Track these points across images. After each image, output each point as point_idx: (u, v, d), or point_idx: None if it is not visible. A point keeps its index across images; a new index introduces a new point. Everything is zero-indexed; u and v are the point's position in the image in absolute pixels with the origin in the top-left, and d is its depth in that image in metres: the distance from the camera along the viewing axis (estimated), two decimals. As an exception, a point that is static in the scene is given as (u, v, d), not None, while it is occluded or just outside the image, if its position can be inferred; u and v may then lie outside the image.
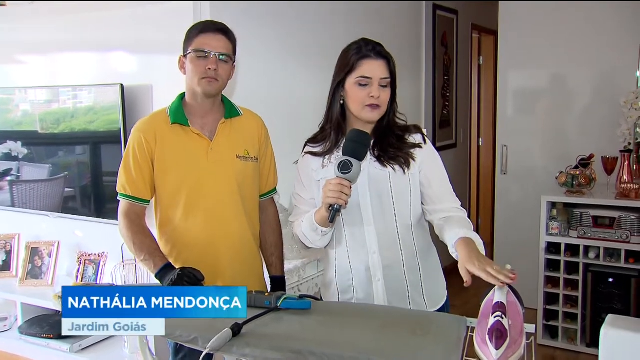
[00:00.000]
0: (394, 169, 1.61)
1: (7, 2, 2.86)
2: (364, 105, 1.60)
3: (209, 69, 1.70)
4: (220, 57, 1.72)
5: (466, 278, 1.36)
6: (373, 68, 1.59)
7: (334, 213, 1.51)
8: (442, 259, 1.75)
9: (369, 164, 1.62)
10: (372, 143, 1.63)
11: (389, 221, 1.62)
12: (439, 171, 1.66)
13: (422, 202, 1.66)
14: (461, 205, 1.64)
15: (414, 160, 1.62)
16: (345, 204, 1.52)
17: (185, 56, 1.75)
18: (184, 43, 1.76)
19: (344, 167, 1.49)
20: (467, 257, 1.39)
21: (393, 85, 1.64)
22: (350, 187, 1.51)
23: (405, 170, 1.61)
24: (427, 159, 1.64)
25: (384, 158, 1.62)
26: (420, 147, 1.64)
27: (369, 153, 1.62)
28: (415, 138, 1.65)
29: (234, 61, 1.79)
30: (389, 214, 1.62)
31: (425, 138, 1.67)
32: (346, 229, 1.66)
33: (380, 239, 1.62)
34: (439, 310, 1.68)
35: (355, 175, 1.51)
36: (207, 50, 1.70)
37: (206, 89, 1.73)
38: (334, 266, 1.70)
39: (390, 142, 1.63)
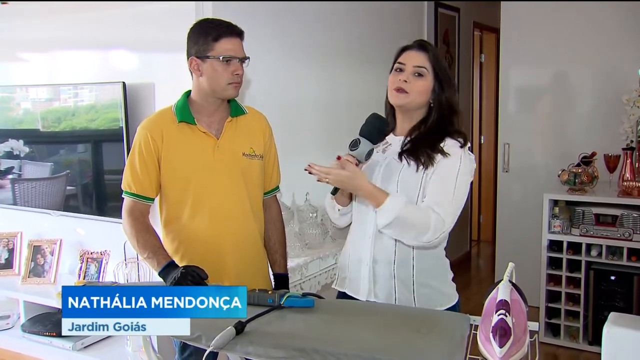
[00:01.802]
0: (408, 163, 1.60)
1: (8, 1, 2.85)
2: (391, 88, 1.64)
3: (237, 74, 1.74)
4: (243, 61, 1.76)
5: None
6: (407, 57, 1.63)
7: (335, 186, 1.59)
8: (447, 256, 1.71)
9: (390, 152, 1.66)
10: (404, 143, 1.64)
11: None
12: (447, 172, 1.56)
13: None
14: (447, 215, 1.51)
15: (432, 164, 1.57)
16: None
17: (201, 58, 1.72)
18: (199, 44, 1.72)
19: (353, 145, 1.56)
20: (355, 170, 1.50)
21: (440, 89, 1.62)
22: (357, 165, 1.55)
23: (419, 168, 1.58)
24: (445, 161, 1.57)
25: (403, 155, 1.61)
26: (445, 155, 1.57)
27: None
28: (448, 144, 1.58)
29: None
30: None
31: (461, 146, 1.59)
32: (355, 208, 1.70)
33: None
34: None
35: (361, 154, 1.55)
36: (234, 56, 1.72)
37: (234, 93, 1.78)
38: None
39: (420, 148, 1.60)
